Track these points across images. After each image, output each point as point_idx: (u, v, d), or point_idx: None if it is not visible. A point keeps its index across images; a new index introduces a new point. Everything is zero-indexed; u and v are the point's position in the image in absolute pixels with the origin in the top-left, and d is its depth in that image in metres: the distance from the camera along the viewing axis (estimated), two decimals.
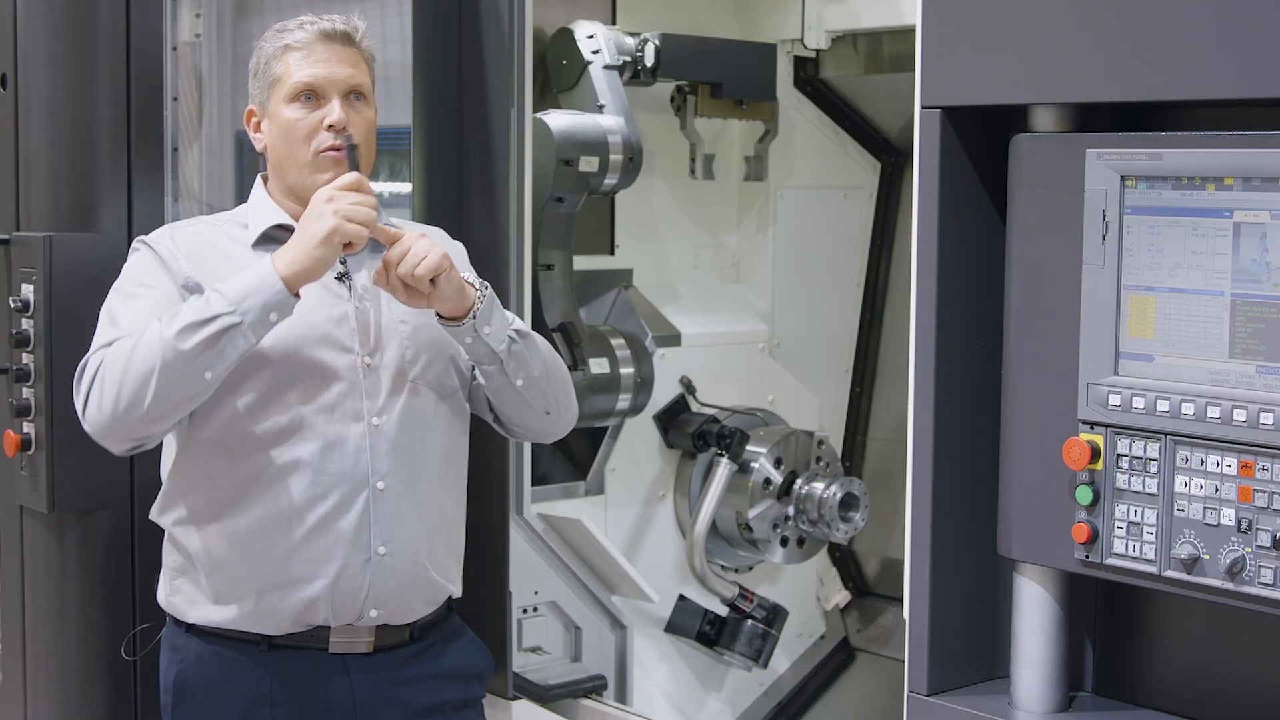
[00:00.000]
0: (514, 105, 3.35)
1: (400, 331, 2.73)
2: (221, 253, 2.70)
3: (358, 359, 2.68)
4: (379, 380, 2.69)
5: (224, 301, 2.49)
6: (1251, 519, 2.07)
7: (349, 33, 2.73)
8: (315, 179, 2.67)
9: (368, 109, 2.73)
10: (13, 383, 3.27)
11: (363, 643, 2.70)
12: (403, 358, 2.72)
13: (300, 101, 2.68)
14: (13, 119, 3.33)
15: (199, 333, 2.47)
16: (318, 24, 2.71)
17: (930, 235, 2.38)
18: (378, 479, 2.66)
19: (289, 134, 2.69)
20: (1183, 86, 2.10)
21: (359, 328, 2.70)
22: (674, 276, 4.23)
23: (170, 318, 2.51)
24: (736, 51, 4.07)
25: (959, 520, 2.43)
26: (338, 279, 2.71)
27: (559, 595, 3.85)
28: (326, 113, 2.67)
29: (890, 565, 4.58)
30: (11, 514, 3.40)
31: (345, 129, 2.66)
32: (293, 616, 2.66)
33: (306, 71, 2.68)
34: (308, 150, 2.68)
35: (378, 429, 2.67)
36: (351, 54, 2.72)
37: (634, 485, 4.04)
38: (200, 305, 2.51)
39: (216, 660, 2.68)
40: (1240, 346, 2.09)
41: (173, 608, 2.75)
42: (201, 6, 3.73)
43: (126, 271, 2.73)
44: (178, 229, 2.76)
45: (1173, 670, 2.40)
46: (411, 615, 2.75)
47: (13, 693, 3.42)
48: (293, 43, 2.70)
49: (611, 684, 3.91)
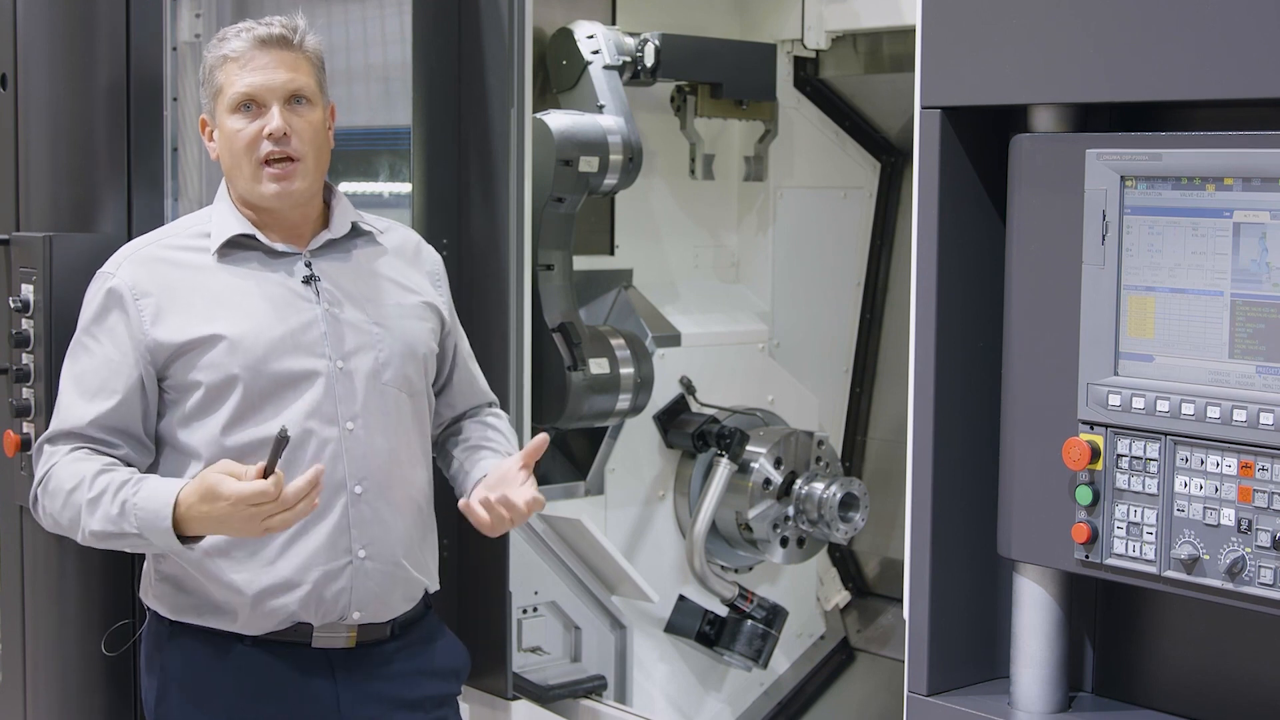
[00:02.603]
0: (514, 105, 3.35)
1: (372, 334, 2.74)
2: (184, 272, 2.70)
3: (330, 364, 2.68)
4: (352, 384, 2.70)
5: (131, 524, 2.53)
6: (1251, 519, 2.07)
7: (285, 35, 2.70)
8: (260, 189, 2.67)
9: (312, 111, 2.71)
10: (13, 383, 3.27)
11: (345, 638, 2.73)
12: (376, 360, 2.73)
13: (241, 111, 2.68)
14: (13, 119, 3.33)
15: (112, 539, 2.59)
16: (254, 30, 2.69)
17: (930, 235, 2.38)
18: (355, 484, 2.69)
19: (232, 144, 2.69)
20: (1183, 86, 2.10)
21: (330, 332, 2.70)
22: (674, 276, 4.23)
23: (92, 505, 2.56)
24: (736, 51, 4.07)
25: (959, 520, 2.43)
26: (304, 282, 2.71)
27: (559, 595, 3.85)
28: (266, 121, 2.66)
29: (890, 565, 4.58)
30: (11, 514, 3.40)
31: (286, 135, 2.65)
32: (275, 619, 2.68)
33: (244, 80, 2.67)
34: (250, 160, 2.68)
35: (352, 434, 2.68)
36: (291, 57, 2.70)
37: (634, 485, 4.04)
38: (115, 517, 2.55)
39: (200, 656, 2.70)
40: (1240, 346, 2.09)
41: (156, 604, 2.76)
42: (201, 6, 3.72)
43: (85, 309, 2.73)
44: (138, 253, 2.73)
45: (1173, 670, 2.40)
46: (392, 612, 2.78)
47: (13, 693, 3.42)
48: (229, 52, 2.69)
49: (611, 684, 3.91)
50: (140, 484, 2.56)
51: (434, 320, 2.86)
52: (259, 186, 2.68)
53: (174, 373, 2.65)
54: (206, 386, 2.63)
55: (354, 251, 2.80)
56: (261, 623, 2.67)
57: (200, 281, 2.68)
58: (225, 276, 2.69)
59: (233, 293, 2.68)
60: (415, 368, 2.79)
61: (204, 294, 2.67)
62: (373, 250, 2.83)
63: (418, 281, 2.87)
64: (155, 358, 2.64)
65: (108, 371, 2.65)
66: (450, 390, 2.98)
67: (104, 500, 2.56)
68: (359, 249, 2.81)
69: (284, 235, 2.74)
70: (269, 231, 2.73)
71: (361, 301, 2.74)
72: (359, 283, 2.77)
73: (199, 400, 2.64)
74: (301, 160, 2.68)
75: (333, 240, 2.77)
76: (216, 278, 2.69)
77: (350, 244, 2.80)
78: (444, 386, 2.96)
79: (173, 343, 2.63)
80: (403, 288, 2.83)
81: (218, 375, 2.63)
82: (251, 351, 2.62)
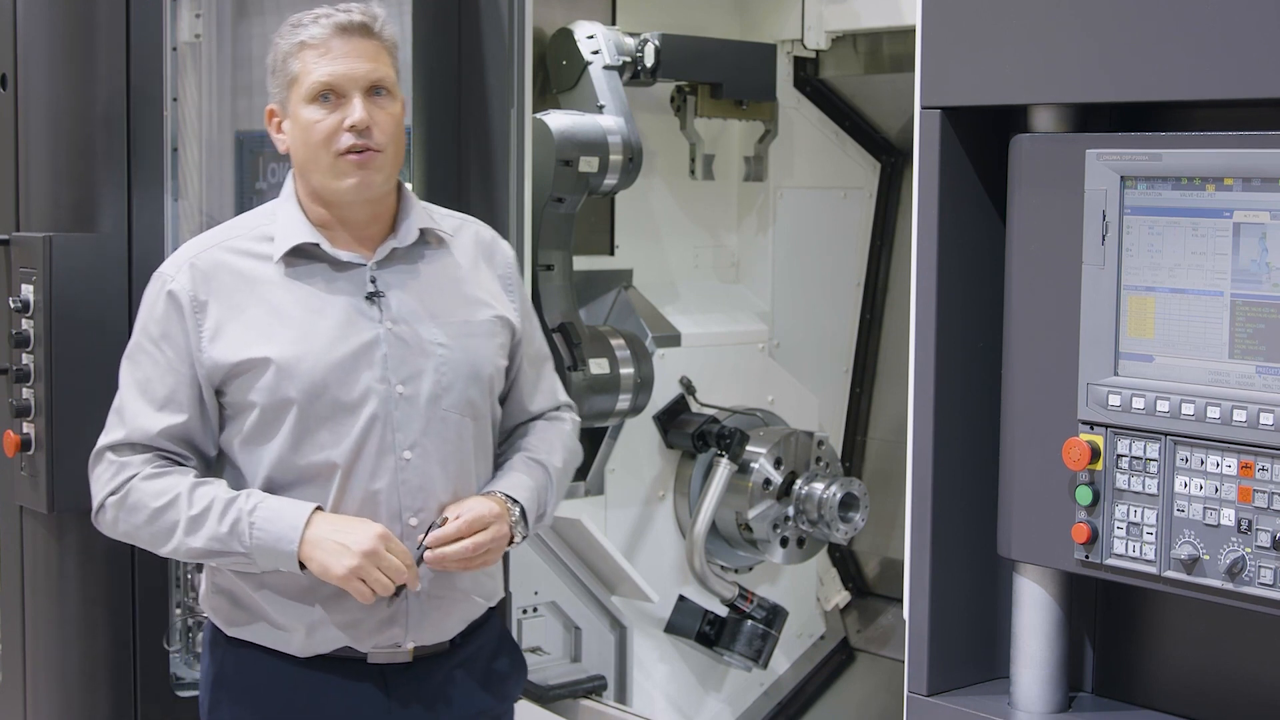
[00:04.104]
0: (514, 105, 3.35)
1: (436, 356, 2.59)
2: (245, 279, 2.57)
3: (389, 388, 2.55)
4: (411, 410, 2.56)
5: (243, 544, 2.49)
6: (1251, 519, 2.07)
7: (367, 24, 2.57)
8: (337, 183, 2.54)
9: (392, 103, 2.57)
10: (13, 383, 3.27)
11: (403, 654, 2.63)
12: (437, 384, 2.58)
13: (319, 102, 2.53)
14: (13, 119, 3.33)
15: (212, 557, 2.54)
16: (333, 17, 2.55)
17: (930, 235, 2.38)
18: (409, 515, 2.57)
19: (309, 135, 2.54)
20: (1183, 86, 2.10)
21: (391, 354, 2.56)
22: (674, 276, 4.23)
23: (194, 522, 2.50)
24: (736, 52, 4.07)
25: (959, 520, 2.43)
26: (368, 299, 2.58)
27: (559, 595, 3.85)
28: (348, 113, 2.52)
29: (890, 565, 4.58)
30: (11, 514, 3.40)
31: (368, 128, 2.52)
32: (329, 645, 2.60)
33: (324, 70, 2.52)
34: (328, 153, 2.53)
35: (409, 463, 2.56)
36: (371, 46, 2.55)
37: (634, 485, 4.04)
38: (224, 535, 2.49)
39: (254, 666, 2.63)
40: (1240, 347, 2.09)
41: (211, 614, 2.69)
42: (201, 6, 3.73)
43: (142, 313, 2.62)
44: (199, 258, 2.59)
45: (1173, 670, 2.40)
46: (450, 634, 2.68)
47: (13, 693, 3.42)
48: (308, 39, 2.54)
49: (611, 684, 3.91)
50: (256, 503, 2.50)
51: (504, 335, 2.70)
52: (337, 181, 2.54)
53: (231, 391, 2.56)
54: (262, 408, 2.53)
55: (421, 262, 2.64)
56: (312, 645, 2.60)
57: (261, 294, 2.55)
58: (287, 290, 2.56)
59: (293, 308, 2.55)
60: (479, 390, 2.64)
61: (264, 308, 2.55)
62: (442, 257, 2.67)
63: (489, 288, 2.71)
64: (212, 376, 2.55)
65: (174, 381, 2.55)
66: (509, 400, 2.81)
67: (209, 518, 2.49)
68: (427, 258, 2.65)
69: (351, 239, 2.61)
70: (335, 234, 2.60)
71: (426, 319, 2.60)
72: (425, 297, 2.62)
73: (255, 421, 2.55)
74: (382, 152, 2.55)
75: (400, 249, 2.62)
76: (277, 291, 2.56)
77: (418, 252, 2.65)
78: (506, 396, 2.79)
79: (229, 362, 2.53)
80: (472, 301, 2.67)
81: (274, 397, 2.52)
82: (309, 375, 2.52)
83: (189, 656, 3.63)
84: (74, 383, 3.24)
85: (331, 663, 2.61)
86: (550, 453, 2.77)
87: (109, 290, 3.28)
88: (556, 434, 2.81)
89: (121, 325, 3.26)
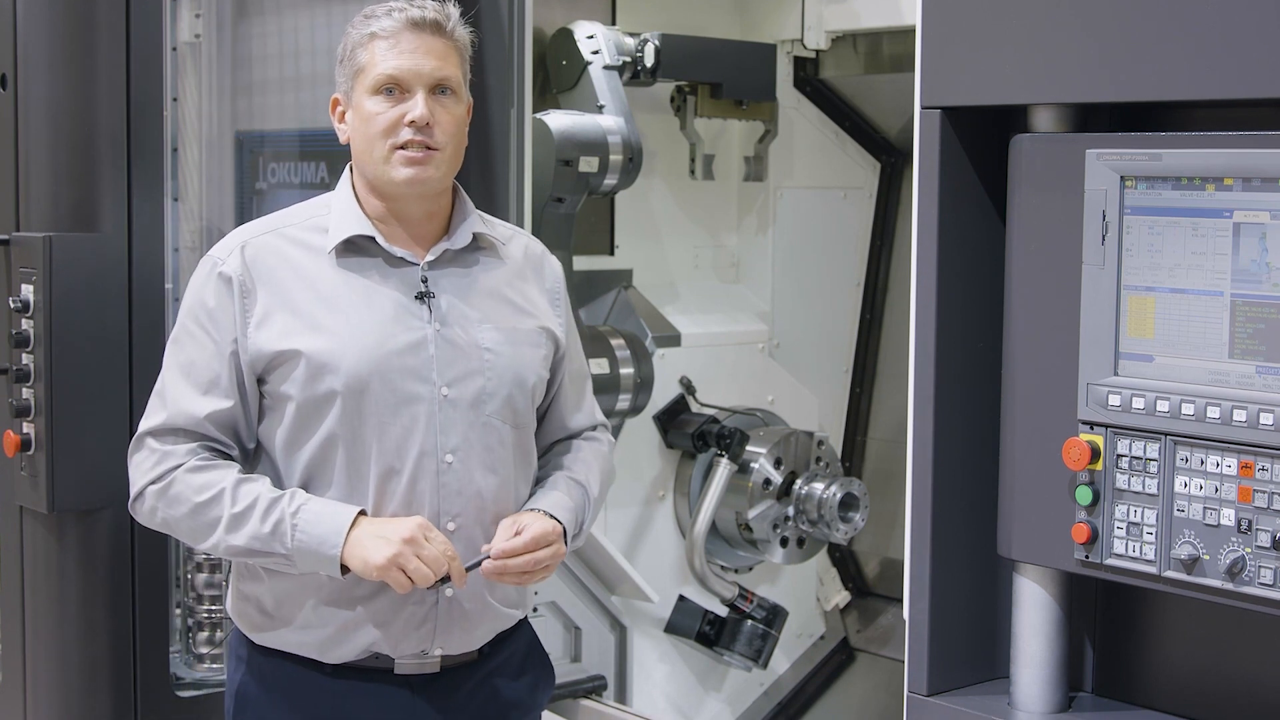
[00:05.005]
0: (514, 105, 3.35)
1: (484, 360, 2.57)
2: (296, 268, 2.55)
3: (435, 390, 2.52)
4: (455, 414, 2.54)
5: (285, 545, 2.46)
6: (1251, 519, 2.07)
7: (439, 21, 2.53)
8: (391, 174, 2.52)
9: (456, 105, 2.55)
10: (13, 383, 3.27)
11: (430, 665, 2.60)
12: (482, 390, 2.56)
13: (383, 94, 2.51)
14: (13, 119, 3.33)
15: (252, 555, 2.50)
16: (407, 11, 2.53)
17: (930, 235, 2.38)
18: (448, 520, 2.54)
19: (369, 126, 2.52)
20: (1183, 86, 2.10)
21: (438, 355, 2.54)
22: (674, 276, 4.23)
23: (236, 520, 2.46)
24: (736, 52, 4.07)
25: (959, 520, 2.43)
26: (417, 298, 2.56)
27: (559, 595, 3.85)
28: (410, 108, 2.50)
29: (890, 565, 4.58)
30: (11, 514, 3.40)
31: (428, 125, 2.50)
32: (356, 653, 2.57)
33: (391, 62, 2.50)
34: (385, 145, 2.51)
35: (450, 467, 2.54)
36: (441, 44, 2.53)
37: (634, 485, 4.04)
38: (266, 536, 2.45)
39: (279, 675, 2.60)
40: (1240, 347, 2.09)
41: (238, 621, 2.67)
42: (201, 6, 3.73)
43: (189, 296, 2.59)
44: (251, 242, 2.56)
45: (1173, 670, 2.40)
46: (478, 643, 2.65)
47: (13, 693, 3.42)
48: (379, 30, 2.52)
49: (611, 684, 3.91)
50: (300, 505, 2.47)
51: (548, 346, 2.67)
52: (392, 171, 2.51)
53: (273, 380, 2.52)
54: (302, 401, 2.50)
55: (474, 267, 2.62)
56: (340, 653, 2.56)
57: (312, 284, 2.52)
58: (338, 282, 2.54)
59: (343, 301, 2.53)
60: (523, 398, 2.62)
61: (313, 298, 2.52)
62: (493, 265, 2.65)
63: (536, 301, 2.69)
64: (255, 364, 2.51)
65: (219, 365, 2.51)
66: (549, 416, 2.79)
67: (252, 517, 2.46)
68: (479, 263, 2.63)
69: (406, 235, 2.59)
70: (390, 229, 2.58)
71: (475, 322, 2.57)
72: (475, 301, 2.60)
73: (294, 414, 2.52)
74: (440, 150, 2.53)
75: (452, 252, 2.60)
76: (329, 282, 2.53)
77: (471, 257, 2.63)
78: (546, 411, 2.77)
79: (272, 350, 2.50)
80: (519, 310, 2.65)
81: (315, 390, 2.49)
82: (354, 369, 2.49)
83: (189, 657, 3.64)
84: (74, 383, 3.24)
85: (359, 673, 2.58)
86: (589, 474, 2.75)
87: (109, 290, 3.28)
88: (595, 455, 2.79)
89: (121, 325, 3.26)
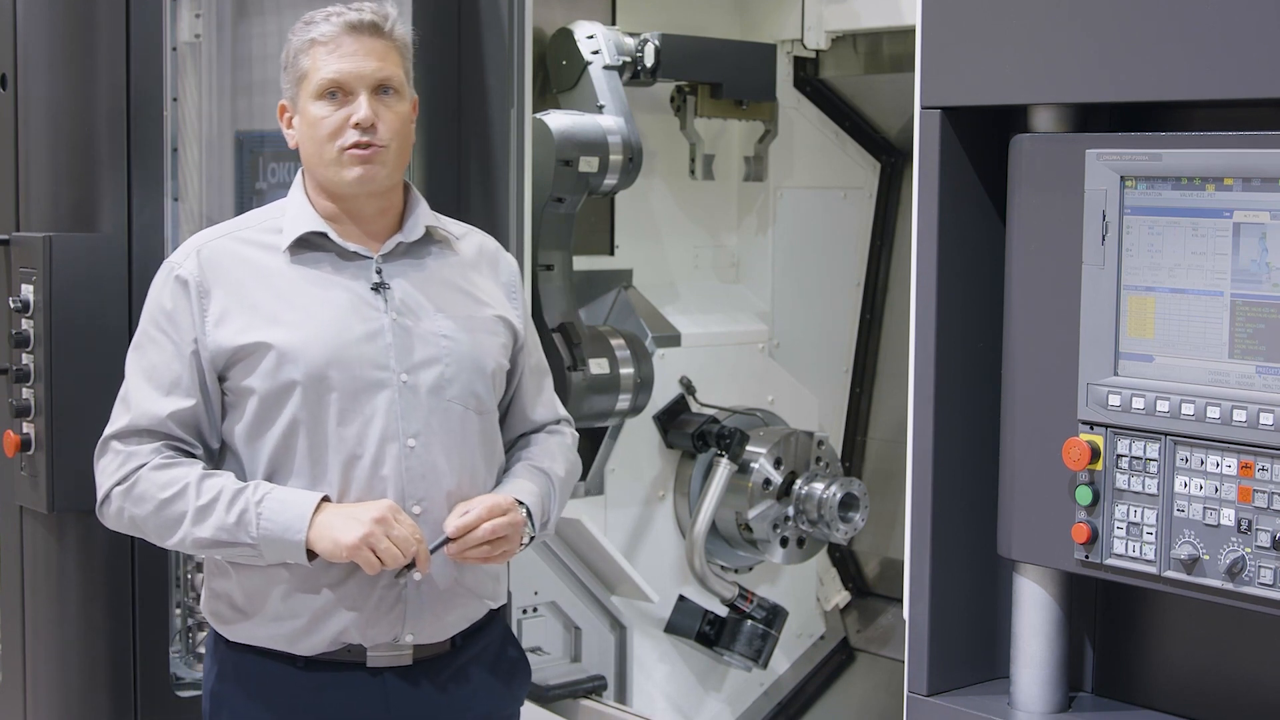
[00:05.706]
0: (514, 105, 3.35)
1: (441, 347, 2.63)
2: (253, 267, 2.61)
3: (394, 376, 2.58)
4: (416, 400, 2.59)
5: (250, 534, 2.49)
6: (1251, 519, 2.07)
7: (377, 23, 2.61)
8: (341, 175, 2.59)
9: (399, 102, 2.61)
10: (13, 383, 3.27)
11: (403, 657, 2.64)
12: (441, 376, 2.61)
13: (327, 98, 2.58)
14: (13, 119, 3.33)
15: (219, 548, 2.54)
16: (344, 15, 2.60)
17: (930, 235, 2.38)
18: (413, 504, 2.59)
19: (315, 130, 2.59)
20: (1183, 86, 2.10)
21: (396, 343, 2.59)
22: (674, 276, 4.23)
23: (201, 512, 2.50)
24: (736, 52, 4.07)
25: (959, 520, 2.43)
26: (373, 289, 2.62)
27: (559, 595, 3.85)
28: (354, 110, 2.57)
29: (890, 565, 4.58)
30: (11, 514, 3.40)
31: (373, 125, 2.57)
32: (327, 642, 2.60)
33: (332, 67, 2.57)
34: (333, 148, 2.57)
35: (413, 451, 2.58)
36: (381, 45, 2.60)
37: (634, 485, 4.04)
38: (231, 526, 2.49)
39: (254, 673, 2.63)
40: (1240, 347, 2.09)
41: (210, 619, 2.70)
42: (201, 6, 3.72)
43: (149, 303, 2.65)
44: (205, 247, 2.63)
45: (1173, 670, 2.40)
46: (450, 631, 2.68)
47: (13, 693, 3.42)
48: (318, 36, 2.59)
49: (611, 684, 3.91)
50: (264, 494, 2.51)
51: (506, 335, 2.73)
52: (341, 172, 2.58)
53: (233, 376, 2.57)
54: (264, 394, 2.55)
55: (427, 258, 2.69)
56: (313, 643, 2.59)
57: (267, 281, 2.59)
58: (294, 277, 2.60)
59: (299, 295, 2.58)
60: (484, 384, 2.67)
61: (270, 294, 2.58)
62: (447, 257, 2.72)
63: (492, 293, 2.75)
64: (215, 361, 2.57)
65: (180, 366, 2.57)
66: (512, 409, 2.84)
67: (216, 508, 2.50)
68: (433, 255, 2.70)
69: (359, 233, 2.65)
70: (343, 228, 2.64)
71: (431, 312, 2.63)
72: (430, 291, 2.66)
73: (257, 408, 2.56)
74: (385, 148, 2.59)
75: (405, 244, 2.67)
76: (285, 278, 2.59)
77: (424, 250, 2.69)
78: (509, 404, 2.83)
79: (231, 346, 2.55)
80: (475, 299, 2.71)
81: (275, 382, 2.54)
82: (313, 360, 2.54)
83: (189, 657, 3.64)
84: (74, 383, 3.24)
85: (332, 666, 2.61)
86: (553, 462, 2.80)
87: (109, 290, 3.28)
88: (558, 445, 2.85)
89: (121, 325, 3.26)
